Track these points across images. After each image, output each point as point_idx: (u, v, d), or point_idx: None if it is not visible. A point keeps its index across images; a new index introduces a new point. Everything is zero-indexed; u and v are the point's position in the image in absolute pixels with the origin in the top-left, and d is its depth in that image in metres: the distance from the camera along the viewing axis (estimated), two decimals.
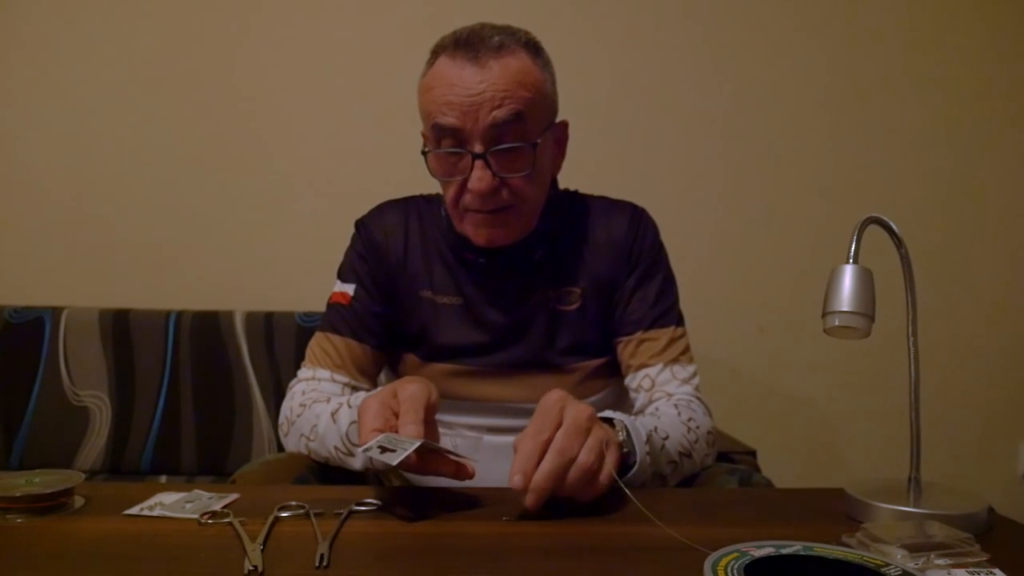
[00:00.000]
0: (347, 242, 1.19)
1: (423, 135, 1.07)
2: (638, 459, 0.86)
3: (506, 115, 0.97)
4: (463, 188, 1.01)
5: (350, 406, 0.99)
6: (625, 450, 0.86)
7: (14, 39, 1.93)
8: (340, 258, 1.18)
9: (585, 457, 0.77)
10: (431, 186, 1.21)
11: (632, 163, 1.96)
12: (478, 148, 0.98)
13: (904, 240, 0.83)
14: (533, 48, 1.03)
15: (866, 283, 0.79)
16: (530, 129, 0.99)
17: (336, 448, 0.98)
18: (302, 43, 1.95)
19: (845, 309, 0.79)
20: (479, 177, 0.98)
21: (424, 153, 1.04)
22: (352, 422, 0.96)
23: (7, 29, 1.93)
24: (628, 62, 1.97)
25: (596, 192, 1.20)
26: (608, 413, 0.90)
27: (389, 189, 1.23)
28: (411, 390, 0.84)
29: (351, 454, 0.97)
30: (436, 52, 1.02)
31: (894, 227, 0.83)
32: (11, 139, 1.95)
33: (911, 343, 0.84)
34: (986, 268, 2.02)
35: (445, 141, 1.00)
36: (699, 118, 1.98)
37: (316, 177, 1.95)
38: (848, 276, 0.79)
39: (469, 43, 0.98)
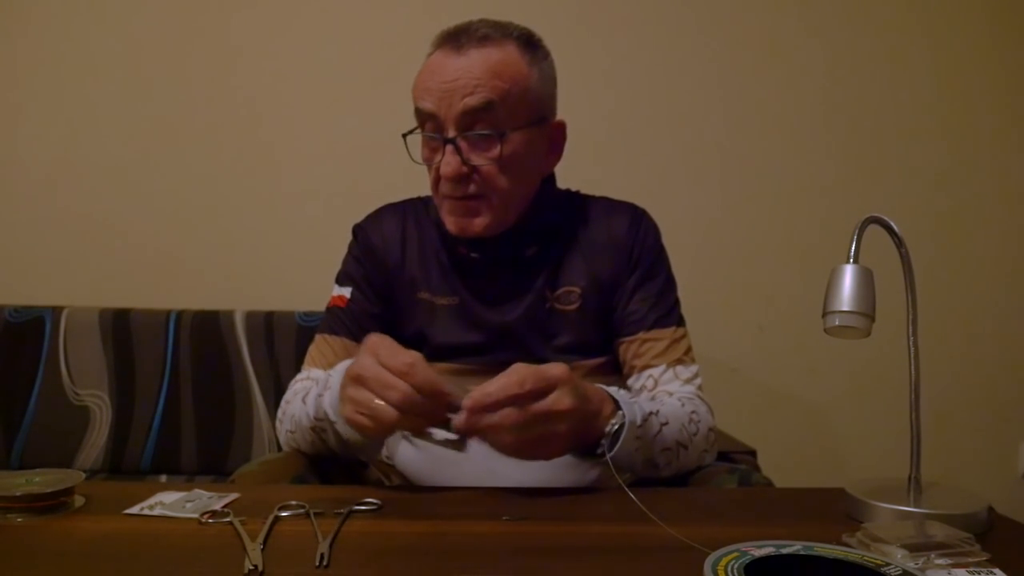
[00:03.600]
0: (347, 242, 1.19)
1: None
2: (619, 445, 0.87)
3: (477, 102, 0.99)
4: (439, 174, 1.03)
5: (317, 383, 0.99)
6: (603, 441, 0.88)
7: (14, 39, 1.93)
8: (340, 258, 1.19)
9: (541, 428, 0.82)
10: (429, 188, 1.21)
11: (631, 163, 1.96)
12: (450, 133, 1.01)
13: (904, 240, 0.83)
14: (526, 43, 1.04)
15: (866, 283, 0.79)
16: (503, 119, 1.01)
17: (311, 428, 0.98)
18: (303, 44, 1.94)
19: (845, 309, 0.79)
20: (447, 161, 1.01)
21: (404, 135, 1.06)
22: (319, 395, 0.95)
23: (7, 29, 1.93)
24: (627, 62, 1.96)
25: (595, 192, 1.20)
26: (615, 394, 0.91)
27: (388, 190, 1.23)
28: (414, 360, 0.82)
29: (324, 428, 0.96)
30: (432, 46, 1.05)
31: (894, 227, 0.83)
32: (11, 139, 1.94)
33: (911, 343, 0.84)
34: (986, 268, 2.02)
35: (427, 126, 1.03)
36: (698, 117, 1.98)
37: (316, 177, 1.95)
38: (848, 276, 0.79)
39: (456, 34, 1.02)
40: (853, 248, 0.80)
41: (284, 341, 1.74)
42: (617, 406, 0.90)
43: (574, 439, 0.86)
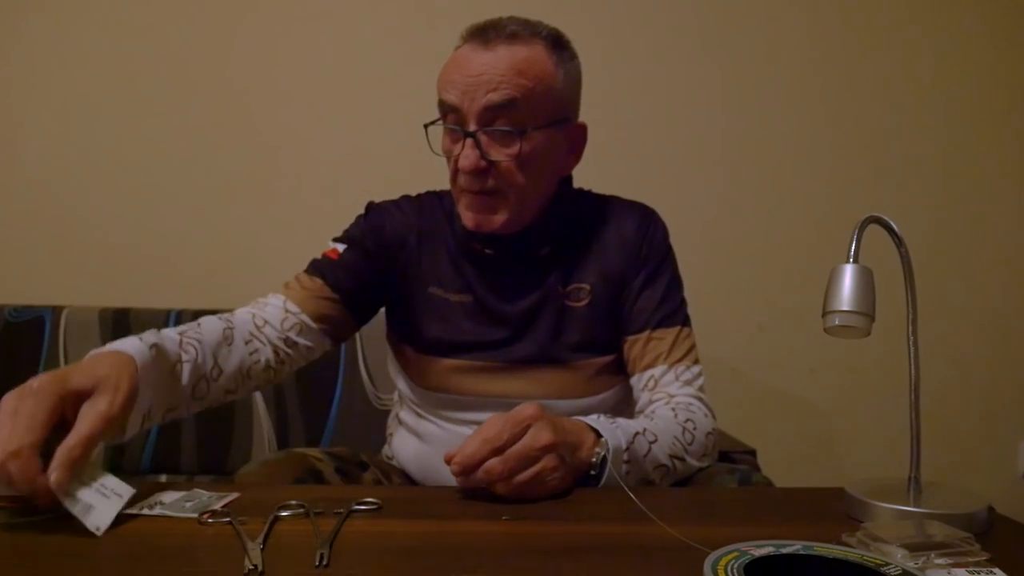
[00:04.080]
0: None
1: None
2: (607, 473, 0.88)
3: (500, 99, 0.99)
4: (458, 167, 1.04)
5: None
6: (593, 472, 0.88)
7: (13, 39, 1.93)
8: None
9: (521, 480, 0.82)
10: (433, 186, 1.21)
11: (631, 162, 1.96)
12: (471, 127, 1.01)
13: (904, 240, 0.83)
14: (554, 43, 1.05)
15: (866, 282, 0.79)
16: (524, 117, 1.01)
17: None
18: (302, 46, 1.94)
19: (845, 308, 0.79)
20: (466, 155, 1.01)
21: (425, 126, 1.06)
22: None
23: (6, 30, 1.93)
24: (626, 61, 1.96)
25: (597, 191, 1.21)
26: (595, 423, 0.91)
27: (390, 190, 1.23)
28: (96, 409, 0.74)
29: None
30: (461, 39, 1.06)
31: (894, 226, 0.83)
32: (11, 139, 1.94)
33: (911, 342, 0.84)
34: (986, 268, 2.02)
35: (449, 118, 1.04)
36: (699, 117, 1.98)
37: (317, 177, 1.95)
38: (848, 275, 0.79)
39: (485, 29, 1.02)
40: (853, 248, 0.80)
41: None
42: (598, 435, 0.90)
43: (570, 472, 0.86)
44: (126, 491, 0.75)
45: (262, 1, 1.94)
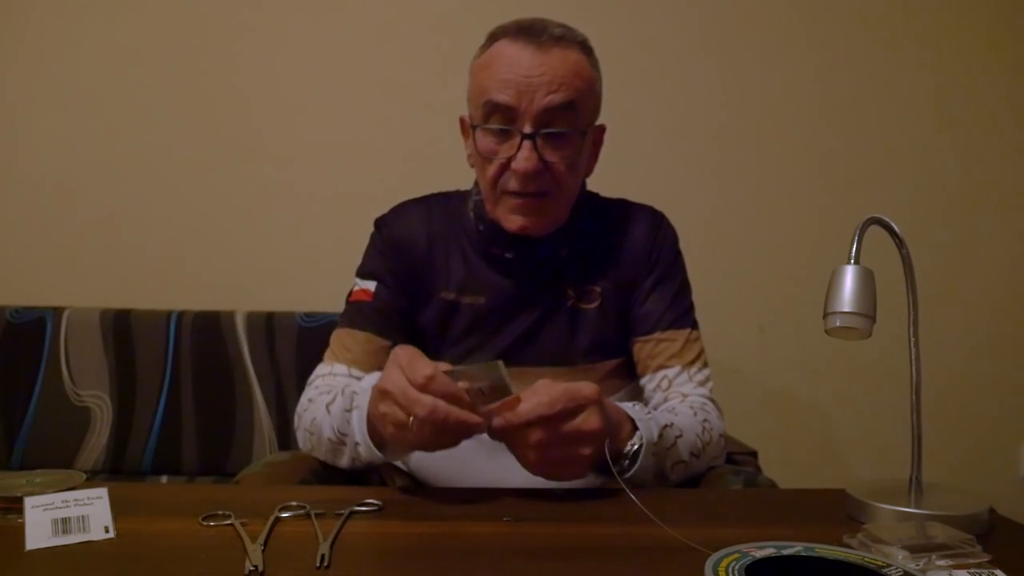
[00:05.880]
0: (348, 242, 1.19)
1: (461, 120, 1.10)
2: (637, 465, 0.88)
3: (561, 100, 0.99)
4: (503, 169, 1.02)
5: (343, 394, 0.97)
6: (627, 462, 0.88)
7: (14, 39, 1.93)
8: (341, 258, 1.19)
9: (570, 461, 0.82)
10: (433, 187, 1.21)
11: (632, 162, 1.96)
12: (528, 128, 0.99)
13: (905, 240, 0.83)
14: (586, 49, 1.07)
15: (867, 283, 0.79)
16: (580, 119, 1.03)
17: (329, 440, 0.97)
18: (304, 43, 1.94)
19: (846, 310, 0.79)
20: (526, 157, 0.99)
21: (473, 127, 1.05)
22: (346, 410, 0.94)
23: (7, 29, 1.93)
24: (625, 61, 1.96)
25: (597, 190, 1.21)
26: (632, 412, 0.91)
27: (389, 190, 1.23)
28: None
29: (343, 443, 0.95)
30: (495, 36, 1.04)
31: (895, 227, 0.83)
32: (12, 139, 1.94)
33: (912, 343, 0.84)
34: (987, 268, 2.02)
35: (495, 118, 1.01)
36: (698, 117, 1.98)
37: (317, 178, 1.95)
38: (849, 276, 0.79)
39: (532, 29, 1.02)
40: (854, 249, 0.80)
41: (285, 342, 1.74)
42: (634, 426, 0.90)
43: (595, 461, 0.85)
44: None
45: (266, 3, 1.94)
